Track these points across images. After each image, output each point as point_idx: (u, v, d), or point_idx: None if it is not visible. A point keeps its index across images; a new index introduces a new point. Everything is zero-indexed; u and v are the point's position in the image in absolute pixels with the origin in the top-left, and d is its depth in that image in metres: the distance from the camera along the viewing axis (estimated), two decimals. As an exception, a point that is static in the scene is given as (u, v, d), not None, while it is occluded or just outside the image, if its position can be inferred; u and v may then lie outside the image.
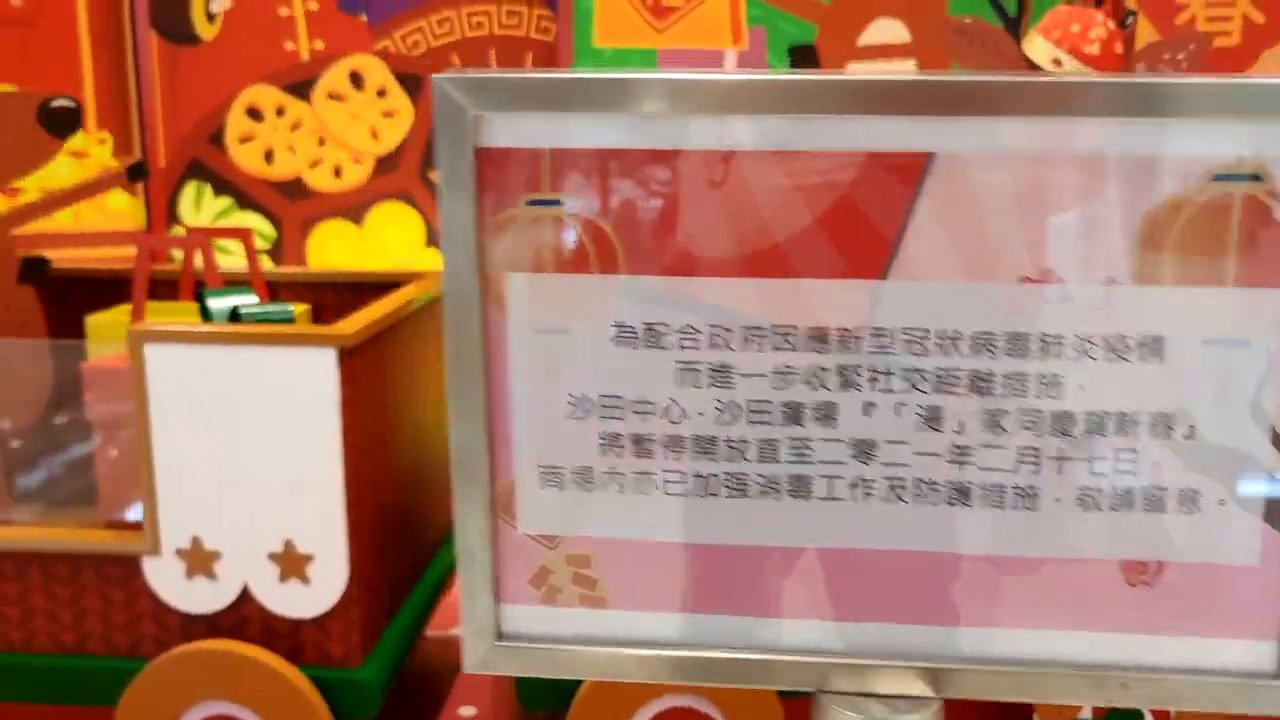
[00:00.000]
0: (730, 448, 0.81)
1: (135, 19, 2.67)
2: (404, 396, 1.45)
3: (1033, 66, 1.65)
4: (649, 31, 2.46)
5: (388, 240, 2.72)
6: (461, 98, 0.76)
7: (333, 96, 2.69)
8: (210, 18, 2.67)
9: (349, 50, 2.67)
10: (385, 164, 2.71)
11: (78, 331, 1.59)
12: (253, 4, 2.64)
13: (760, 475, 0.82)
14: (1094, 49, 1.63)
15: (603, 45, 2.47)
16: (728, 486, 0.82)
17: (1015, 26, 2.24)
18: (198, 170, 2.73)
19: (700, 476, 0.82)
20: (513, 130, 0.78)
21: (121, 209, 2.78)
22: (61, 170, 2.72)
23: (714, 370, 0.80)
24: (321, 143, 2.72)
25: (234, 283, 1.63)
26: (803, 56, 2.46)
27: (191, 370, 1.21)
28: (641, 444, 0.82)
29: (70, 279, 1.71)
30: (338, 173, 2.73)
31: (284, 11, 2.66)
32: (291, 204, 2.72)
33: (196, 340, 1.21)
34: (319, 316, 1.73)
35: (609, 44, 2.47)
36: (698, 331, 0.80)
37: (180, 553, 1.25)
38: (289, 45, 2.67)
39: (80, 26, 2.67)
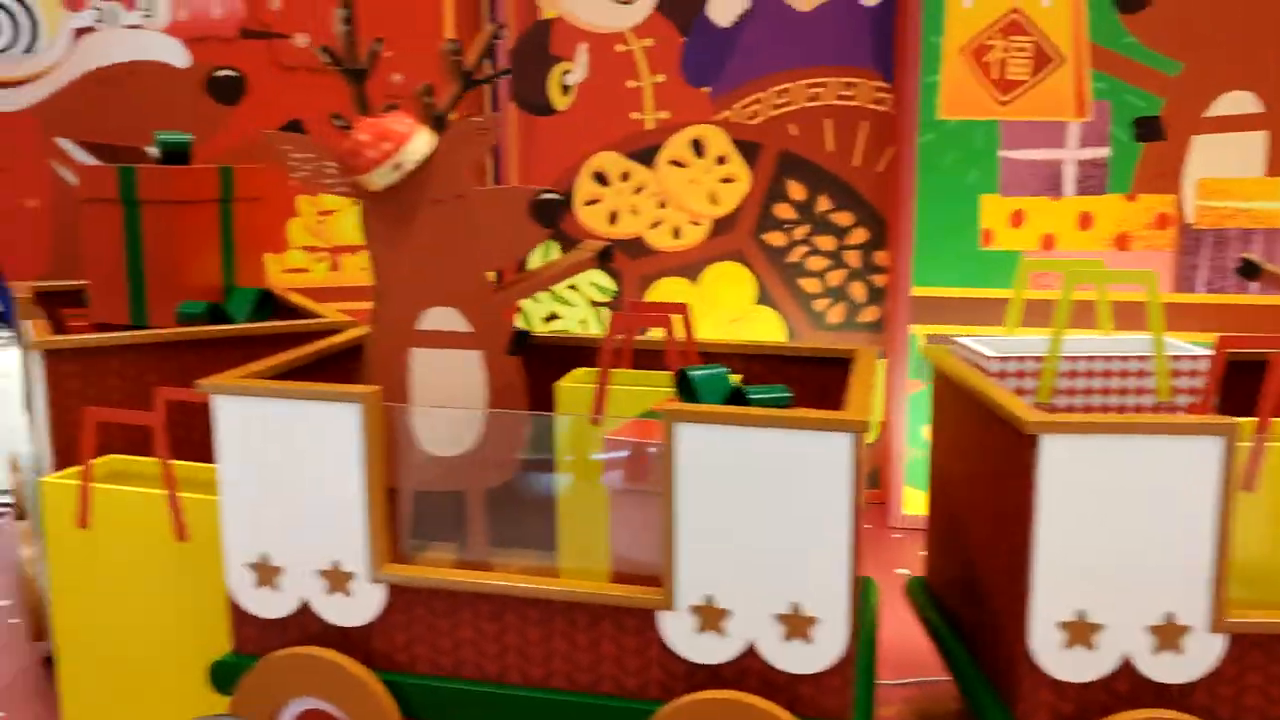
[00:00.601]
0: None
1: (496, 92, 2.93)
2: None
3: None
4: (993, 104, 2.55)
5: (721, 297, 2.89)
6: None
7: (674, 163, 2.89)
8: (565, 90, 2.91)
9: (692, 120, 2.86)
10: (722, 225, 2.89)
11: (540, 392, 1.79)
12: (604, 78, 2.86)
13: None
14: None
15: (946, 118, 2.57)
16: None
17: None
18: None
19: None
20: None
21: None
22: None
23: None
24: (662, 205, 2.91)
25: (648, 351, 1.81)
26: (1148, 129, 2.50)
27: (715, 446, 1.37)
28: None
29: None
30: (676, 233, 2.91)
31: (632, 84, 2.87)
32: (632, 261, 2.92)
33: (724, 421, 1.37)
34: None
35: (953, 116, 2.57)
36: None
37: (694, 609, 1.41)
38: (635, 115, 2.88)
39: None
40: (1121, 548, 1.35)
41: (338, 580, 1.52)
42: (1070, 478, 1.35)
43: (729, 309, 2.90)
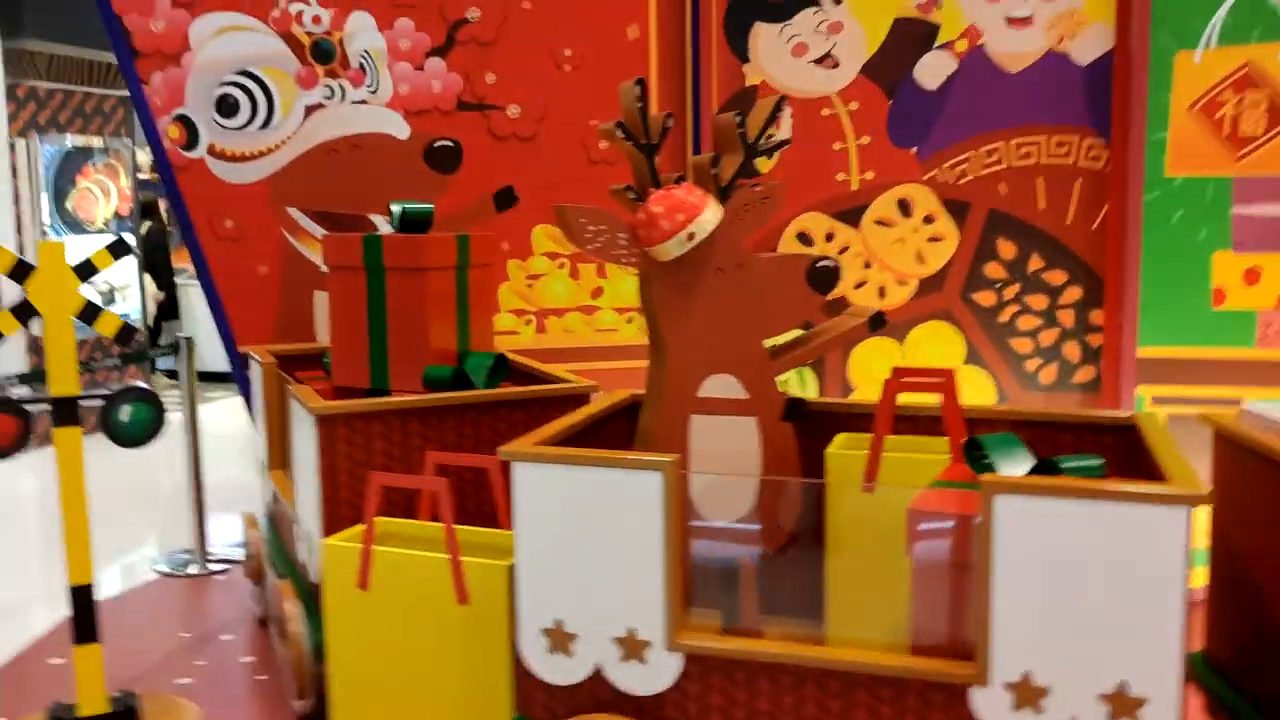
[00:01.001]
0: None
1: (701, 148, 2.96)
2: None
3: None
4: (1225, 160, 2.49)
5: (928, 357, 2.85)
6: None
7: (880, 222, 2.88)
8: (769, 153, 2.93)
9: (898, 180, 2.85)
10: (929, 285, 2.86)
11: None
12: (809, 140, 2.88)
13: None
14: None
15: (1175, 175, 2.52)
16: None
17: None
18: (748, 291, 2.98)
19: None
20: None
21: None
22: (624, 288, 3.04)
23: None
24: (867, 265, 2.90)
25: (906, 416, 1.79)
26: (1393, 181, 2.41)
27: (1038, 523, 1.34)
28: None
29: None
30: (882, 293, 2.90)
31: (838, 146, 2.87)
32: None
33: (1047, 493, 1.35)
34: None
35: (1182, 173, 2.51)
36: None
37: (1009, 685, 1.38)
38: (840, 176, 2.88)
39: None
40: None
41: (633, 648, 1.52)
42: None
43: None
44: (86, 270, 1.81)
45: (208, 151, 2.76)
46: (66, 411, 1.80)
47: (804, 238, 2.92)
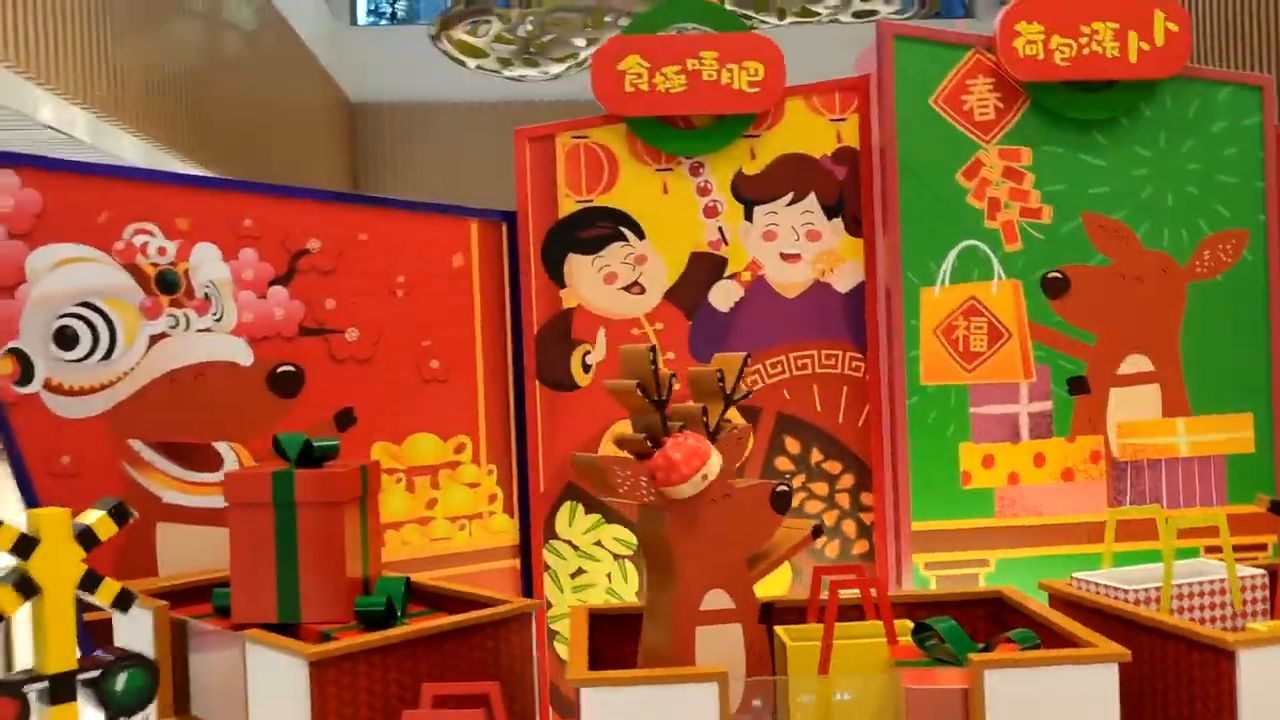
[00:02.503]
0: None
1: (524, 373, 3.25)
2: None
3: None
4: (961, 371, 3.17)
5: (733, 542, 3.27)
6: None
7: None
8: (586, 369, 3.28)
9: (700, 389, 3.29)
10: (730, 479, 3.30)
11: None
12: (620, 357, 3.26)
13: None
14: None
15: (926, 383, 3.16)
16: None
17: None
18: (572, 492, 3.27)
19: None
20: None
21: (504, 528, 3.28)
22: (457, 497, 3.22)
23: None
24: (677, 464, 3.29)
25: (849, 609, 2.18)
26: (1077, 385, 3.19)
27: (1016, 686, 1.76)
28: None
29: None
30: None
31: (647, 361, 3.28)
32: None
33: (1021, 665, 1.77)
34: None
35: (932, 382, 3.16)
36: None
37: (1006, 822, 1.76)
38: (650, 387, 3.28)
39: (478, 381, 3.24)
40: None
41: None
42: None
43: (741, 552, 3.29)
44: (88, 539, 1.77)
45: (44, 386, 2.65)
46: (63, 689, 1.73)
47: (621, 442, 3.26)
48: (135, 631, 2.34)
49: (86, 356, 2.70)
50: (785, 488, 2.05)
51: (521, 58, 4.94)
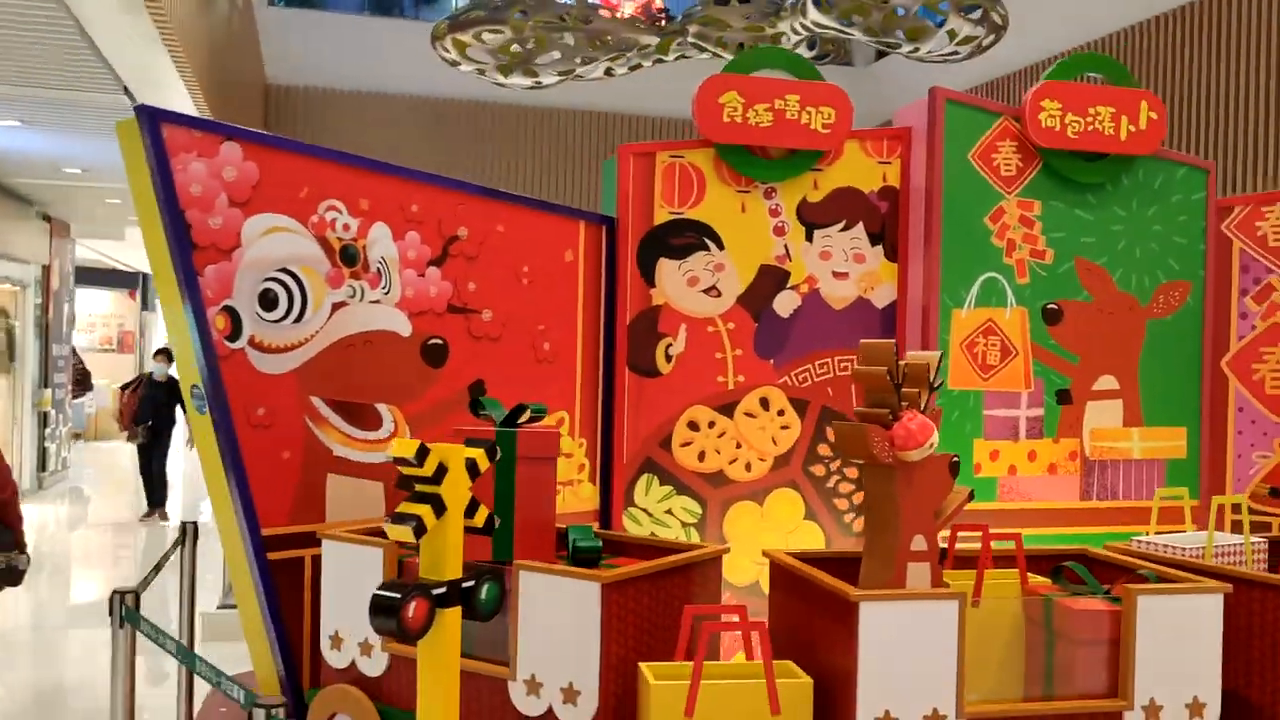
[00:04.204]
0: None
1: (615, 359, 3.67)
2: None
3: None
4: (978, 379, 3.83)
5: (779, 516, 3.81)
6: None
7: (747, 414, 3.81)
8: (669, 359, 3.72)
9: (761, 382, 3.82)
10: (780, 461, 3.84)
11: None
12: (698, 350, 3.74)
13: None
14: None
15: (952, 388, 3.81)
16: None
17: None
18: (650, 466, 3.72)
19: None
20: None
21: (589, 494, 3.69)
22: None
23: None
24: (738, 446, 3.79)
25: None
26: (1063, 396, 3.92)
27: (1158, 610, 2.39)
28: None
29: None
30: (748, 467, 3.81)
31: (719, 355, 3.79)
32: (715, 490, 3.76)
33: (1161, 593, 2.40)
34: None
35: (955, 387, 3.81)
36: None
37: (1143, 708, 2.38)
38: (720, 378, 3.78)
39: (578, 363, 3.65)
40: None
41: (940, 723, 2.27)
42: None
43: (785, 524, 3.83)
44: (474, 470, 2.11)
45: (248, 343, 2.89)
46: (453, 594, 2.06)
47: (692, 425, 3.75)
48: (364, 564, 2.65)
49: (283, 318, 2.96)
50: (955, 458, 2.60)
51: (521, 69, 5.27)
